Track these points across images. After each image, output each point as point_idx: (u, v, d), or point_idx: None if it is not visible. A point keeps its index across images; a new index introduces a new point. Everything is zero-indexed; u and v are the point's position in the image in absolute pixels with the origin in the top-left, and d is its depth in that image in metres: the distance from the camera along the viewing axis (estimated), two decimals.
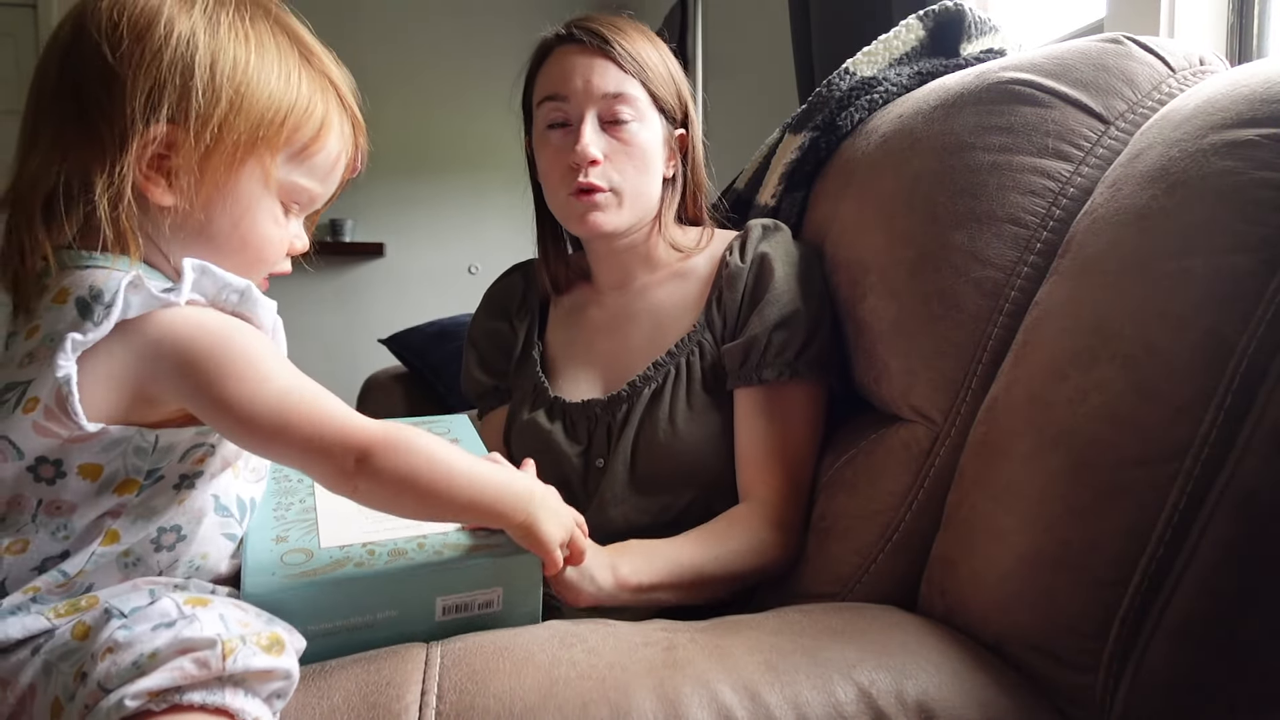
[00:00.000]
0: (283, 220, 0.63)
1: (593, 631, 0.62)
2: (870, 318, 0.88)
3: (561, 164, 0.95)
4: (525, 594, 0.65)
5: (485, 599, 0.64)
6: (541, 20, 1.05)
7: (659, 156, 0.99)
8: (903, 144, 0.91)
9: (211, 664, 0.48)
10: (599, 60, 0.95)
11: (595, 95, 0.94)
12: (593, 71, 0.94)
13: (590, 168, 0.93)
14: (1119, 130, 0.78)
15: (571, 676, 0.56)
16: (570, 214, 0.97)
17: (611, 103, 0.94)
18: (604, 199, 0.95)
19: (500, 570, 0.64)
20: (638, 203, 0.97)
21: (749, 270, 0.95)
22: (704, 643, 0.61)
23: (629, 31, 0.98)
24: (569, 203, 0.96)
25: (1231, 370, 0.56)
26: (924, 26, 1.08)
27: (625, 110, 0.95)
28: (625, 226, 0.97)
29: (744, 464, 0.91)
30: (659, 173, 0.99)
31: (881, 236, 0.89)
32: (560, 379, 1.04)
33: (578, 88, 0.94)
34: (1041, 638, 0.62)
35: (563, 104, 0.95)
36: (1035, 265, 0.77)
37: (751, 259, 0.96)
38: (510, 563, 0.64)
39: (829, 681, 0.57)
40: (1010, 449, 0.68)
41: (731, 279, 0.96)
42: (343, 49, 0.68)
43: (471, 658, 0.57)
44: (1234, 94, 0.65)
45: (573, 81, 0.95)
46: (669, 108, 0.99)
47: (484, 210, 3.61)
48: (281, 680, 0.51)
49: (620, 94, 0.94)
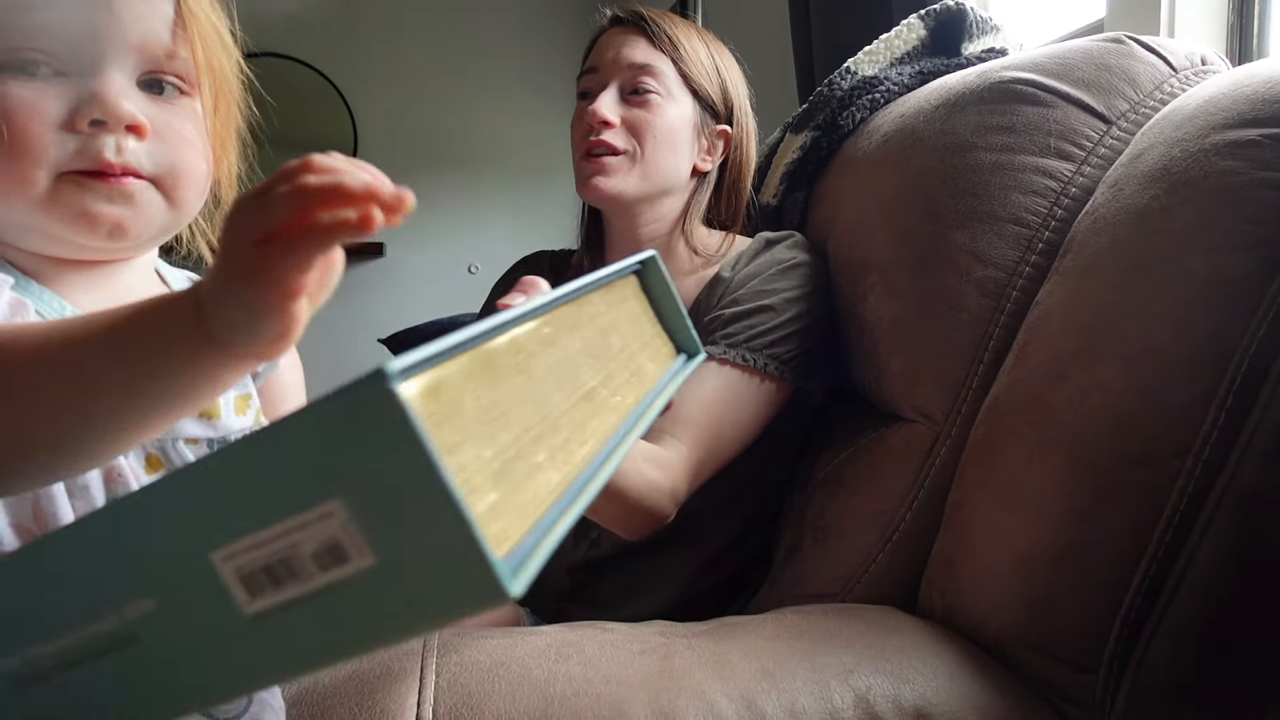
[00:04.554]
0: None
1: (590, 640, 0.61)
2: (871, 317, 0.88)
3: (580, 129, 0.97)
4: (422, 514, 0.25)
5: (320, 540, 0.26)
6: (543, 20, 1.07)
7: (685, 138, 0.98)
8: (904, 143, 0.90)
9: None
10: (632, 35, 0.97)
11: (621, 65, 0.96)
12: (624, 45, 0.97)
13: (602, 128, 0.94)
14: (1121, 130, 0.78)
15: (568, 694, 0.55)
16: (579, 177, 0.98)
17: (637, 73, 0.96)
18: (614, 162, 0.95)
19: (320, 440, 0.26)
20: (652, 174, 0.96)
21: (734, 278, 0.94)
22: (701, 649, 0.61)
23: (678, 22, 0.99)
24: (580, 167, 0.97)
25: (1232, 370, 0.56)
26: (925, 26, 1.08)
27: (649, 81, 0.96)
28: (633, 194, 0.96)
29: (675, 418, 0.84)
30: (684, 154, 0.98)
31: (883, 236, 0.89)
32: None
33: (608, 59, 0.97)
34: (1042, 638, 0.61)
35: (592, 75, 0.98)
36: (1037, 265, 0.77)
37: (741, 270, 0.95)
38: (346, 407, 0.25)
39: (826, 688, 0.57)
40: (1011, 449, 0.68)
41: (714, 284, 0.95)
42: (343, 48, 0.68)
43: (467, 678, 0.57)
44: (1235, 94, 0.65)
45: (605, 54, 0.98)
46: (705, 95, 0.99)
47: (484, 210, 3.61)
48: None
49: (646, 65, 0.96)
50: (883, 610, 0.70)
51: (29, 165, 0.44)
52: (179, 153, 0.49)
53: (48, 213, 0.46)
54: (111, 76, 0.46)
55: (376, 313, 3.50)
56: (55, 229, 0.47)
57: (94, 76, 0.46)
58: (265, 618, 0.27)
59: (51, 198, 0.46)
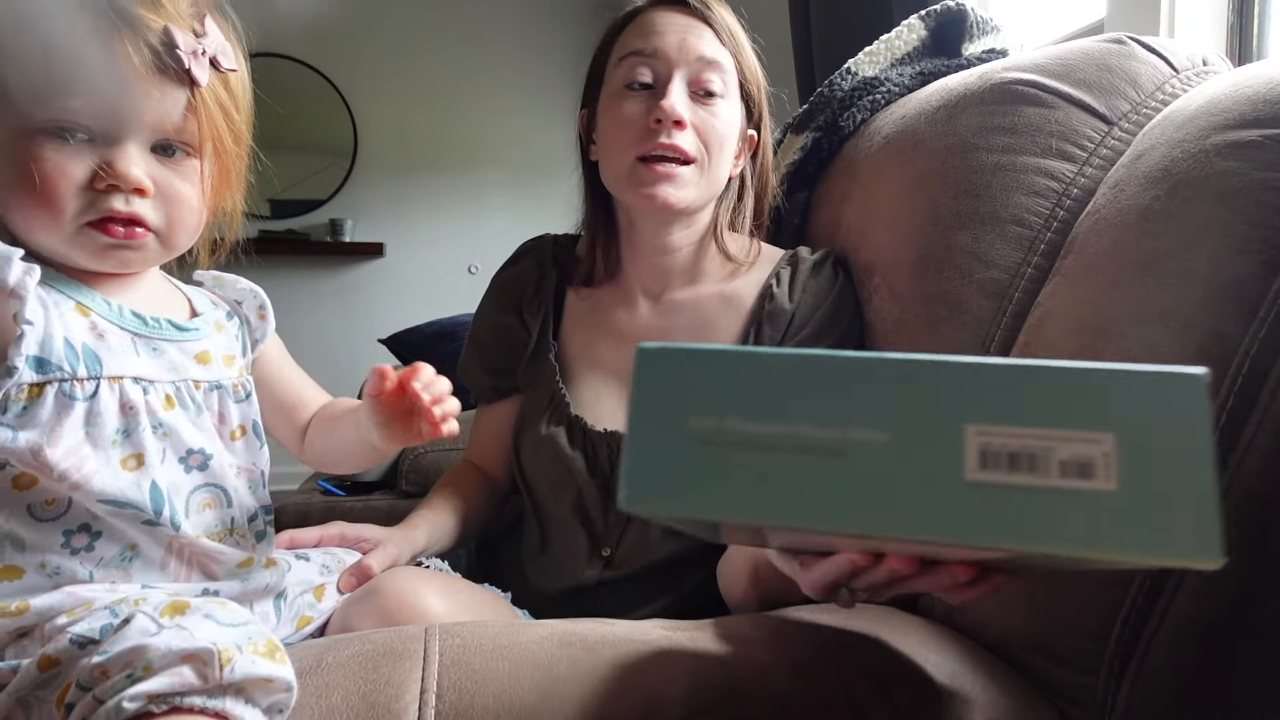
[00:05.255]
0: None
1: (592, 631, 0.62)
2: (875, 319, 0.88)
3: (638, 124, 0.85)
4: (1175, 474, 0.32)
5: (1074, 454, 0.33)
6: (544, 19, 1.04)
7: (735, 143, 0.91)
8: (906, 145, 0.91)
9: (209, 674, 0.48)
10: (697, 23, 0.87)
11: (690, 56, 0.85)
12: (689, 32, 0.86)
13: (675, 129, 0.84)
14: (1122, 131, 0.78)
15: (570, 675, 0.55)
16: (637, 182, 0.86)
17: (705, 68, 0.86)
18: (686, 173, 0.86)
19: (1127, 393, 0.34)
20: (712, 185, 0.89)
21: (796, 310, 0.89)
22: (704, 643, 0.61)
23: (727, 9, 0.91)
24: (636, 170, 0.86)
25: (1233, 371, 0.56)
26: (926, 26, 1.08)
27: (716, 80, 0.86)
28: (696, 205, 0.89)
29: None
30: (732, 159, 0.92)
31: (885, 238, 0.89)
32: (579, 389, 0.95)
33: (671, 43, 0.85)
34: (1042, 638, 0.62)
35: (650, 59, 0.86)
36: (1039, 266, 0.77)
37: (798, 299, 0.90)
38: (1146, 383, 0.33)
39: (828, 684, 0.57)
40: None
41: (773, 315, 0.90)
42: (342, 48, 0.68)
43: (470, 657, 0.57)
44: (1236, 95, 0.65)
45: (666, 37, 0.86)
46: (751, 99, 0.92)
47: (484, 210, 3.61)
48: (282, 692, 0.51)
49: (716, 61, 0.86)
50: (885, 609, 0.70)
51: (56, 214, 0.59)
52: (175, 208, 0.64)
53: (70, 249, 0.62)
54: (128, 146, 0.60)
55: (376, 313, 3.51)
56: (78, 259, 0.63)
57: (114, 146, 0.60)
58: (980, 488, 0.33)
59: (74, 239, 0.61)
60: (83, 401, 0.60)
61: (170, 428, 0.64)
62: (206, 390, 0.68)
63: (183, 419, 0.65)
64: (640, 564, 0.89)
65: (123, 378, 0.62)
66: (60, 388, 0.59)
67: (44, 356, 0.59)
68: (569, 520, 0.92)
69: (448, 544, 0.96)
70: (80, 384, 0.60)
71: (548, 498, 0.94)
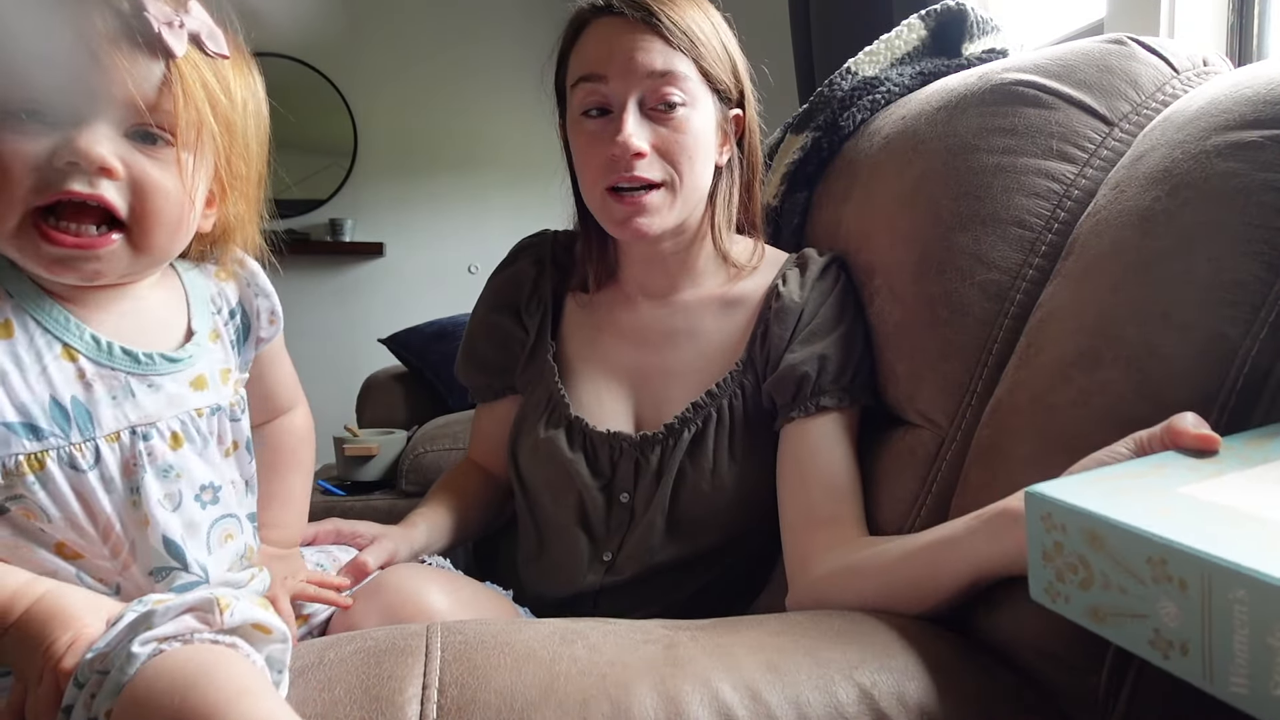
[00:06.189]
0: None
1: (593, 629, 0.62)
2: (876, 321, 0.88)
3: (600, 156, 0.83)
4: None
5: None
6: (544, 20, 1.02)
7: (712, 145, 0.88)
8: (906, 145, 0.90)
9: (211, 620, 0.49)
10: (643, 35, 0.82)
11: (639, 75, 0.82)
12: (636, 48, 0.82)
13: (635, 161, 0.82)
14: (1123, 131, 0.78)
15: (573, 672, 0.55)
16: (609, 216, 0.86)
17: (658, 83, 0.82)
18: (654, 200, 0.84)
19: None
20: (689, 196, 0.86)
21: (805, 307, 0.88)
22: (705, 641, 0.61)
23: (679, 3, 0.85)
24: (606, 203, 0.85)
25: (1234, 372, 0.56)
26: (926, 26, 1.08)
27: (674, 92, 0.83)
28: (674, 226, 0.87)
29: (825, 495, 0.81)
30: (711, 162, 0.89)
31: (886, 239, 0.89)
32: (579, 389, 0.94)
33: (618, 66, 0.82)
34: (1045, 640, 0.62)
35: (600, 85, 0.83)
36: (1040, 268, 0.77)
37: (807, 296, 0.88)
38: None
39: (830, 682, 0.57)
40: (1014, 452, 0.68)
41: (781, 314, 0.88)
42: (343, 49, 0.68)
43: (472, 652, 0.57)
44: (1237, 95, 0.65)
45: (613, 60, 0.82)
46: (723, 87, 0.88)
47: (484, 210, 3.61)
48: (279, 642, 0.51)
49: (669, 73, 0.82)
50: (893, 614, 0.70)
51: (3, 202, 0.52)
52: (149, 198, 0.56)
53: (20, 255, 0.55)
54: (96, 126, 0.53)
55: (376, 313, 3.50)
56: (35, 269, 0.56)
57: (81, 126, 0.53)
58: None
59: (17, 238, 0.53)
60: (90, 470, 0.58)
61: (181, 468, 0.62)
62: (208, 416, 0.66)
63: (190, 456, 0.63)
64: (642, 568, 0.89)
65: (118, 433, 0.59)
66: (59, 453, 0.56)
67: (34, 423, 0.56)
68: (569, 525, 0.91)
69: (448, 541, 0.96)
70: (79, 449, 0.57)
71: (547, 502, 0.94)
